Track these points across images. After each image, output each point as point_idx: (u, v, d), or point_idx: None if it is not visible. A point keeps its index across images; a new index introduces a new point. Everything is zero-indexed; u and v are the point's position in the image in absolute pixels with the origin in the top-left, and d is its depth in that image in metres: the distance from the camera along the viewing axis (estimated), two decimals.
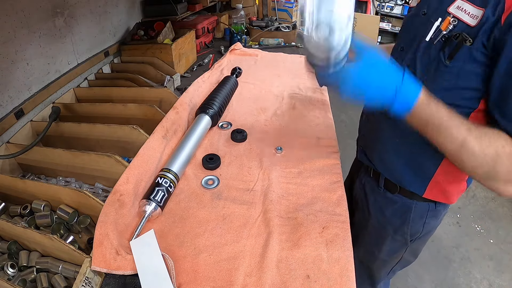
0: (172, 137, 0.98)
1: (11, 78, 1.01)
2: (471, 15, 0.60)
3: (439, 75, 0.66)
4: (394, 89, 0.57)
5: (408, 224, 0.85)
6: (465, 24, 0.61)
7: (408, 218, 0.85)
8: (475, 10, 0.59)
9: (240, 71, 1.44)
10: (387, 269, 1.02)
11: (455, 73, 0.63)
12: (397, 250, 0.93)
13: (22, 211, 0.84)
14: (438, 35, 0.65)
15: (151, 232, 0.69)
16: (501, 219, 2.18)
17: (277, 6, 2.33)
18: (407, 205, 0.84)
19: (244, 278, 0.63)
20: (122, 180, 0.78)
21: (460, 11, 0.62)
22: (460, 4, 0.63)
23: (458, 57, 0.62)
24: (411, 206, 0.83)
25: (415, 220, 0.85)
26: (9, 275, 0.71)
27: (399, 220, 0.86)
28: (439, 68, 0.65)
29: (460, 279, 1.77)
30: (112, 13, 1.52)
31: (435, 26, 0.66)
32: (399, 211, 0.85)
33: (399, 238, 0.89)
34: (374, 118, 0.87)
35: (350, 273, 0.64)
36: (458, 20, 0.62)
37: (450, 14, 0.64)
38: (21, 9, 1.01)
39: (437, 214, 0.85)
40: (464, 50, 0.61)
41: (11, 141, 0.99)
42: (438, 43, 0.65)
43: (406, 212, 0.84)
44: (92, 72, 1.42)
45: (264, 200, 0.82)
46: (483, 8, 0.58)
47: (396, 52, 0.78)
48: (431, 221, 0.85)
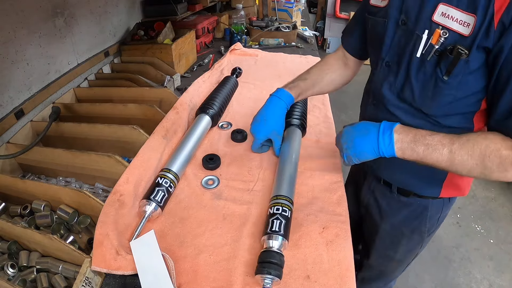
0: (172, 137, 0.98)
1: (11, 78, 1.01)
2: (462, 22, 0.56)
3: (439, 91, 0.63)
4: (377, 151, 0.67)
5: (426, 222, 0.85)
6: (458, 34, 0.57)
7: (425, 217, 0.84)
8: (465, 17, 0.55)
9: (240, 71, 1.44)
10: (403, 267, 1.02)
11: (455, 87, 0.61)
12: (414, 247, 0.93)
13: (22, 211, 0.84)
14: (430, 51, 0.61)
15: (151, 233, 0.69)
16: (501, 219, 2.17)
17: (277, 6, 2.33)
18: (423, 205, 0.82)
19: (244, 278, 0.63)
20: (122, 180, 0.78)
21: (448, 19, 0.57)
22: (444, 10, 0.58)
23: (457, 72, 0.59)
24: (428, 206, 0.82)
25: (432, 217, 0.84)
26: (9, 275, 0.71)
27: (416, 220, 0.85)
28: (437, 84, 0.63)
29: (460, 279, 1.77)
30: (112, 13, 1.52)
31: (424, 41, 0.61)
32: (416, 212, 0.84)
33: (416, 237, 0.89)
34: None
35: (350, 273, 0.64)
36: (449, 31, 0.57)
37: (437, 24, 0.59)
38: (21, 9, 1.01)
39: (451, 205, 0.85)
40: (461, 63, 0.58)
41: (11, 141, 0.99)
42: (432, 59, 0.61)
43: (423, 212, 0.84)
44: (92, 72, 1.42)
45: (264, 200, 0.82)
46: (474, 14, 0.54)
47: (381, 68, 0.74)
48: (445, 212, 0.85)
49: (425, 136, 0.63)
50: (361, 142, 0.68)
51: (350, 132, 0.72)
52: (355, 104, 3.39)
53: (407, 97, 0.69)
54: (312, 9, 5.67)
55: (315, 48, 2.08)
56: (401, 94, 0.70)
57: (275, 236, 0.65)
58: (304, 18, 2.87)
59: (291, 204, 0.74)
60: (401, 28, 0.66)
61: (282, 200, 0.73)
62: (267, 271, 0.59)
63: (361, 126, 0.71)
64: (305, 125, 1.03)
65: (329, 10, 4.67)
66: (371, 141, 0.67)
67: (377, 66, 0.75)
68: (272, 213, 0.70)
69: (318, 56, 1.84)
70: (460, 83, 0.61)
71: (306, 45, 2.12)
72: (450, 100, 0.64)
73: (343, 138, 0.72)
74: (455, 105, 0.64)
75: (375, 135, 0.67)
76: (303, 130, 1.02)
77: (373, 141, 0.67)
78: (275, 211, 0.70)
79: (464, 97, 0.63)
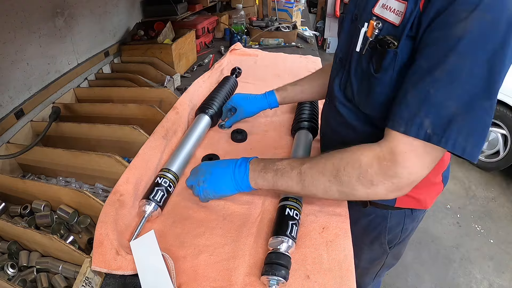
0: (172, 137, 0.98)
1: (11, 78, 1.01)
2: (396, 11, 0.51)
3: (372, 87, 0.58)
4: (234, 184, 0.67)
5: (385, 233, 0.83)
6: (391, 25, 0.52)
7: (384, 228, 0.82)
8: (399, 5, 0.51)
9: (240, 71, 1.44)
10: (371, 276, 0.99)
11: (387, 84, 0.55)
12: (377, 257, 0.91)
13: (22, 211, 0.84)
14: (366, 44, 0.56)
15: (151, 233, 0.69)
16: (501, 219, 2.17)
17: (277, 6, 2.33)
18: (382, 215, 0.80)
19: (244, 278, 0.63)
20: (122, 180, 0.78)
21: (385, 10, 0.53)
22: (384, 1, 0.53)
23: (386, 65, 0.53)
24: (387, 216, 0.80)
25: (392, 228, 0.82)
26: (9, 275, 0.71)
27: (375, 231, 0.83)
28: (370, 81, 0.57)
29: (460, 279, 1.77)
30: (112, 13, 1.52)
31: (362, 33, 0.57)
32: (374, 222, 0.82)
33: (377, 247, 0.87)
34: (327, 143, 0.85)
35: (350, 273, 0.64)
36: (383, 21, 0.53)
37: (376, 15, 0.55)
38: (21, 9, 1.01)
39: (415, 217, 0.81)
40: (390, 56, 0.52)
41: (11, 141, 0.99)
42: (367, 53, 0.57)
43: (381, 223, 0.81)
44: (92, 72, 1.42)
45: (264, 200, 0.82)
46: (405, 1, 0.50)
47: (334, 63, 0.71)
48: (409, 225, 0.82)
49: (274, 162, 0.61)
50: (218, 175, 0.68)
51: (208, 165, 0.72)
52: None
53: (348, 94, 0.65)
54: (312, 9, 5.67)
55: (315, 48, 2.08)
56: (345, 91, 0.66)
57: (286, 238, 0.64)
58: (304, 18, 2.87)
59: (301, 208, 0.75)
60: (353, 24, 0.63)
61: (296, 204, 0.72)
62: (276, 273, 0.59)
63: (220, 161, 0.73)
64: (317, 127, 1.03)
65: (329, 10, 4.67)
66: (228, 174, 0.67)
67: (334, 63, 0.72)
68: (292, 216, 0.68)
69: (318, 56, 1.84)
70: (391, 80, 0.54)
71: (306, 45, 2.13)
72: (383, 100, 0.57)
73: (200, 170, 0.72)
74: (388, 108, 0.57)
75: (231, 167, 0.67)
76: (314, 132, 1.02)
77: (229, 174, 0.66)
78: (294, 215, 0.69)
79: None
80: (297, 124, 1.03)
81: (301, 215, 0.73)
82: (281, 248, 0.64)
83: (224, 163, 0.70)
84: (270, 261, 0.61)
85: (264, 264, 0.62)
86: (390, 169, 0.50)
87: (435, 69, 0.46)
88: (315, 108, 1.12)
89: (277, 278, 0.59)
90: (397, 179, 0.50)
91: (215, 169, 0.69)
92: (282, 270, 0.59)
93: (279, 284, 0.60)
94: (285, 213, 0.70)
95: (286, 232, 0.65)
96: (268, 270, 0.60)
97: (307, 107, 1.09)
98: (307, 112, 1.05)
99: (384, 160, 0.51)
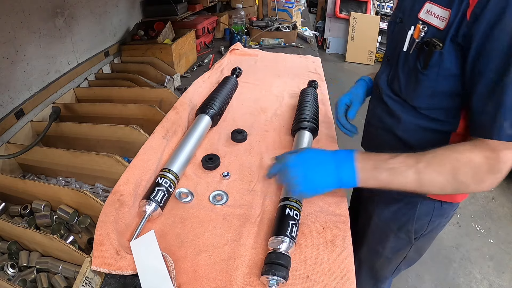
0: (172, 137, 0.98)
1: (11, 78, 1.01)
2: (440, 17, 0.60)
3: (420, 83, 0.67)
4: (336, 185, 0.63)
5: (413, 222, 0.85)
6: (435, 28, 0.61)
7: (412, 216, 0.84)
8: (443, 12, 0.60)
9: (240, 71, 1.44)
10: (392, 267, 1.01)
11: (433, 79, 0.64)
12: (401, 248, 0.93)
13: (22, 211, 0.84)
14: (412, 44, 0.66)
15: (151, 233, 0.69)
16: (501, 219, 2.18)
17: (277, 6, 2.33)
18: (412, 203, 0.83)
19: (244, 278, 0.63)
20: (122, 180, 0.78)
21: (430, 16, 0.62)
22: (429, 7, 0.63)
23: (432, 63, 0.62)
24: (416, 204, 0.82)
25: (420, 218, 0.84)
26: (9, 275, 0.71)
27: (403, 217, 0.86)
28: (418, 77, 0.66)
29: (460, 279, 1.77)
30: (112, 13, 1.52)
31: (409, 35, 0.66)
32: (404, 208, 0.85)
33: (403, 236, 0.89)
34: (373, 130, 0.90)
35: (350, 273, 0.64)
36: (428, 26, 0.62)
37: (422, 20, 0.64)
38: (21, 9, 1.01)
39: (444, 213, 0.83)
40: (436, 55, 0.61)
41: (11, 141, 0.99)
42: (414, 52, 0.66)
43: (410, 210, 0.84)
44: (92, 72, 1.42)
45: (264, 200, 0.82)
46: (449, 9, 0.58)
47: (383, 62, 0.81)
48: (437, 219, 0.84)
49: (386, 161, 0.60)
50: (316, 175, 0.63)
51: (298, 163, 0.65)
52: None
53: (395, 87, 0.74)
54: (312, 9, 5.67)
55: (315, 48, 2.09)
56: (391, 85, 0.76)
57: (286, 238, 0.65)
58: (304, 18, 2.87)
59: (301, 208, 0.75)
60: (398, 26, 0.74)
61: (296, 204, 0.72)
62: (275, 273, 0.59)
63: (311, 156, 0.66)
64: (317, 127, 1.03)
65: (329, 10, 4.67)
66: (329, 175, 0.62)
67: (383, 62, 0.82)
68: (292, 216, 0.69)
69: (318, 56, 1.84)
70: (438, 76, 0.63)
71: (306, 45, 2.13)
72: (430, 93, 0.66)
73: (290, 171, 0.65)
74: (436, 99, 0.67)
75: (332, 166, 0.63)
76: (315, 132, 1.02)
77: (332, 174, 0.62)
78: (294, 215, 0.69)
79: (444, 91, 0.65)
80: (297, 124, 1.03)
81: (301, 215, 0.73)
82: (281, 248, 0.64)
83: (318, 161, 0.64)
84: (270, 261, 0.61)
85: (264, 264, 0.62)
86: (495, 167, 0.56)
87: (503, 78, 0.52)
88: (316, 108, 1.12)
89: (277, 278, 0.59)
90: (500, 174, 0.56)
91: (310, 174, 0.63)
92: (282, 270, 0.59)
93: (279, 284, 0.60)
94: (285, 213, 0.70)
95: (286, 232, 0.65)
96: (268, 270, 0.60)
97: (307, 107, 1.09)
98: (307, 112, 1.06)
99: (490, 159, 0.56)
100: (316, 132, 1.02)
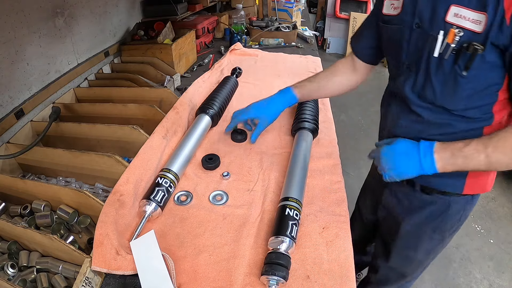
0: (172, 137, 0.98)
1: (11, 78, 1.01)
2: (474, 20, 0.60)
3: (459, 86, 0.67)
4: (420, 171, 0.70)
5: (447, 221, 0.85)
6: (471, 32, 0.61)
7: (447, 216, 0.84)
8: (476, 15, 0.59)
9: (240, 71, 1.44)
10: (422, 268, 1.02)
11: (474, 80, 0.65)
12: (434, 247, 0.93)
13: (22, 211, 0.84)
14: (447, 49, 0.64)
15: (151, 233, 0.69)
16: (501, 219, 2.17)
17: (277, 6, 2.33)
18: (446, 202, 0.82)
19: (244, 278, 0.63)
20: (122, 180, 0.78)
21: (461, 19, 0.61)
22: (457, 11, 0.62)
23: (474, 66, 0.63)
24: (450, 203, 0.82)
25: (453, 215, 0.84)
26: (9, 275, 0.71)
27: (438, 219, 0.85)
28: (457, 80, 0.66)
29: (460, 279, 1.77)
30: (112, 13, 1.52)
31: (439, 40, 0.64)
32: (438, 210, 0.84)
33: (437, 236, 0.89)
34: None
35: (350, 273, 0.64)
36: (463, 29, 0.61)
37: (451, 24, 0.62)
38: (21, 9, 1.01)
39: (473, 204, 0.85)
40: (478, 58, 0.61)
41: (11, 141, 0.99)
42: (450, 57, 0.65)
43: (445, 210, 0.84)
44: (92, 72, 1.42)
45: (264, 200, 0.82)
46: (485, 12, 0.58)
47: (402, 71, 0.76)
48: (468, 211, 0.85)
49: (461, 149, 0.66)
50: (403, 164, 0.72)
51: (390, 154, 0.75)
52: (355, 104, 3.39)
53: (428, 95, 0.72)
54: (312, 9, 5.67)
55: (315, 48, 2.08)
56: (422, 93, 0.73)
57: (286, 238, 0.65)
58: (304, 18, 2.88)
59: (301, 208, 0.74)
60: (416, 32, 0.70)
61: (296, 204, 0.72)
62: (275, 273, 0.59)
63: (399, 147, 0.74)
64: (317, 127, 1.03)
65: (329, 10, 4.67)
66: (414, 164, 0.71)
67: (398, 69, 0.78)
68: (292, 216, 0.69)
69: (318, 56, 1.84)
70: (478, 76, 0.64)
71: (306, 45, 2.13)
72: (469, 93, 0.67)
73: (383, 160, 0.75)
74: (474, 98, 0.68)
75: (416, 157, 0.70)
76: (315, 132, 1.02)
77: (416, 164, 0.70)
78: (294, 215, 0.70)
79: (482, 89, 0.66)
80: (297, 124, 1.03)
81: (301, 215, 0.73)
82: (281, 248, 0.64)
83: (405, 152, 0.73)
84: (270, 261, 0.61)
85: (264, 264, 0.62)
86: None
87: None
88: (316, 108, 1.12)
89: (277, 278, 0.59)
90: None
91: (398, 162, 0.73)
92: (282, 270, 0.59)
93: (279, 284, 0.60)
94: (285, 213, 0.70)
95: (286, 232, 0.65)
96: (268, 270, 0.60)
97: (307, 107, 1.09)
98: (307, 113, 1.06)
99: None
100: (316, 132, 1.02)
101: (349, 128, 2.97)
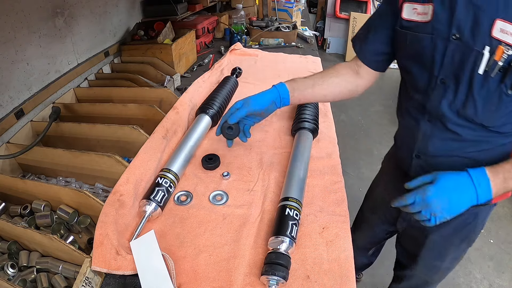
0: (172, 137, 0.98)
1: (11, 78, 1.01)
2: None
3: (502, 103, 0.64)
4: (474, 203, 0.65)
5: (474, 230, 0.85)
6: None
7: (475, 225, 0.84)
8: None
9: (240, 71, 1.44)
10: (445, 275, 1.02)
11: None
12: (460, 254, 0.94)
13: (22, 211, 0.84)
14: (494, 67, 0.60)
15: (151, 233, 0.69)
16: (501, 219, 2.17)
17: (277, 6, 2.33)
18: (474, 213, 0.81)
19: (244, 278, 0.63)
20: (122, 180, 0.78)
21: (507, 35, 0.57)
22: (502, 26, 0.57)
23: None
24: (478, 213, 0.82)
25: (479, 224, 0.84)
26: (9, 275, 0.71)
27: (465, 229, 0.85)
28: (501, 98, 0.63)
29: (460, 279, 1.77)
30: (112, 13, 1.52)
31: (486, 57, 0.60)
32: (467, 220, 0.83)
33: (465, 245, 0.89)
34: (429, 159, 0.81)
35: (350, 273, 0.64)
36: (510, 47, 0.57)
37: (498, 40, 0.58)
38: (21, 9, 1.01)
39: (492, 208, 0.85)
40: None
41: (11, 141, 0.99)
42: (497, 76, 0.61)
43: (473, 220, 0.83)
44: (92, 72, 1.42)
45: (264, 200, 0.82)
46: None
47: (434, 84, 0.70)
48: (488, 217, 0.85)
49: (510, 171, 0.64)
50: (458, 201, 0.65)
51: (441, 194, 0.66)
52: (355, 104, 3.39)
53: (469, 113, 0.68)
54: (312, 9, 5.67)
55: (315, 48, 2.08)
56: (462, 111, 0.68)
57: (286, 238, 0.65)
58: (304, 18, 2.88)
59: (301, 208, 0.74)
60: (453, 43, 0.64)
61: (296, 204, 0.72)
62: (275, 273, 0.59)
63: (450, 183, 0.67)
64: (317, 127, 1.03)
65: (329, 10, 4.67)
66: (470, 197, 0.65)
67: (429, 83, 0.71)
68: (292, 216, 0.69)
69: (318, 56, 1.84)
70: None
71: (306, 45, 2.13)
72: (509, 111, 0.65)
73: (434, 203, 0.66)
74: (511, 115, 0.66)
75: (472, 189, 0.64)
76: (315, 132, 1.02)
77: (472, 196, 0.65)
78: (294, 215, 0.70)
79: None
80: (297, 124, 1.03)
81: (301, 215, 0.73)
82: (281, 248, 0.64)
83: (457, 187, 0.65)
84: (270, 261, 0.61)
85: (264, 264, 0.62)
86: None
87: None
88: (316, 108, 1.12)
89: (277, 278, 0.59)
90: None
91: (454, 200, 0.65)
92: (282, 270, 0.59)
93: (279, 284, 0.60)
94: (285, 213, 0.70)
95: (286, 232, 0.65)
96: (268, 270, 0.60)
97: (307, 108, 1.09)
98: (307, 113, 1.05)
99: None
100: (316, 132, 1.02)
101: (349, 128, 2.97)
